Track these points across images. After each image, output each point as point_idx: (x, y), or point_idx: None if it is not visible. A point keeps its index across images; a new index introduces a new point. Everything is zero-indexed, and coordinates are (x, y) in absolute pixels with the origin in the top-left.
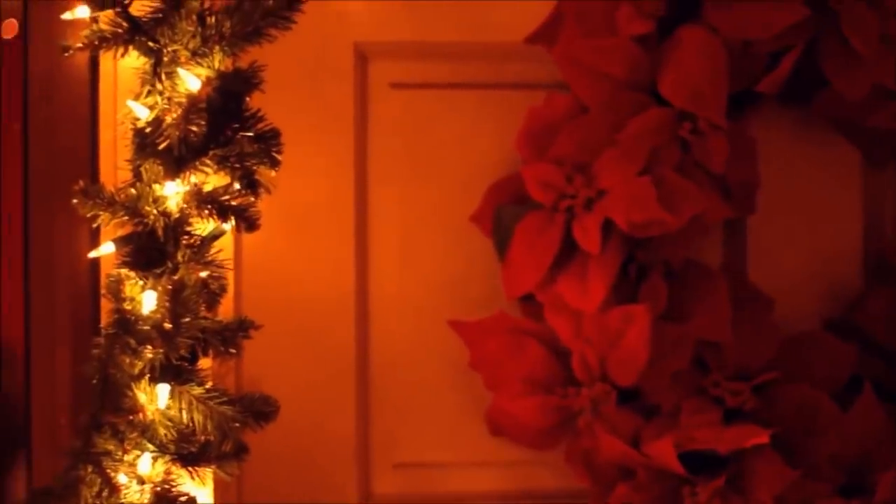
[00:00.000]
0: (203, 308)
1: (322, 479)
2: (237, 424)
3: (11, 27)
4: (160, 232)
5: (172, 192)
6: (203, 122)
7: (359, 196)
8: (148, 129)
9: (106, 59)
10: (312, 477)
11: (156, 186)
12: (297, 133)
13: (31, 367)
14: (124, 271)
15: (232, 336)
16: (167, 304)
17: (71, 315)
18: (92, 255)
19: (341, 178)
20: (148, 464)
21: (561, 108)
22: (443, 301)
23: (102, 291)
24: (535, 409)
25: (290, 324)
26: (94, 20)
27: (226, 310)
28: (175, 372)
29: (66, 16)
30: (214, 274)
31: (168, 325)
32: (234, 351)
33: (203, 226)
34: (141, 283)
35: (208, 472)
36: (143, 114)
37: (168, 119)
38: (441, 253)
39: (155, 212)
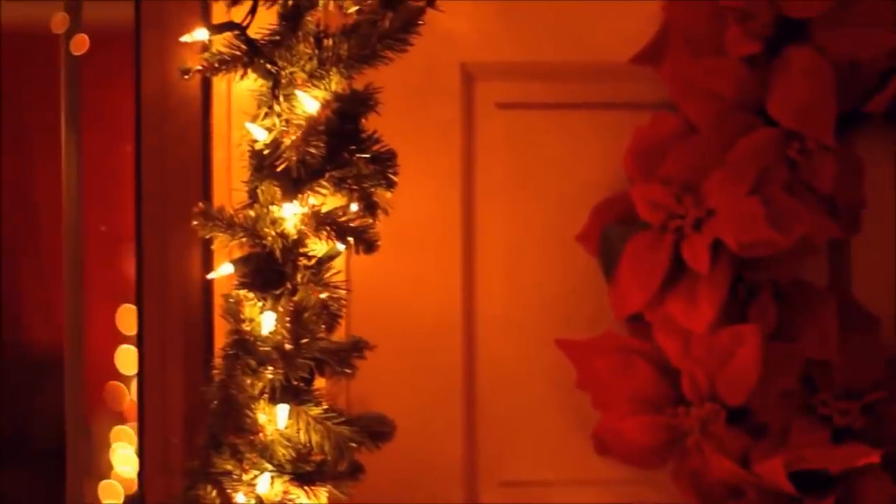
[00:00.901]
0: (323, 329)
1: (429, 496)
2: (354, 444)
3: (83, 42)
4: (278, 253)
5: (290, 214)
6: (322, 144)
7: (465, 215)
8: (266, 151)
9: (219, 80)
10: (419, 495)
11: (273, 208)
12: (404, 153)
13: (145, 387)
14: (243, 292)
15: (346, 356)
16: (288, 325)
17: (183, 335)
18: (211, 276)
19: (448, 198)
20: (267, 483)
21: (668, 128)
22: (548, 320)
23: (220, 312)
24: (643, 428)
25: (397, 342)
26: (208, 44)
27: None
28: (293, 392)
29: (186, 38)
30: (334, 295)
31: (289, 346)
32: (348, 371)
33: (316, 247)
34: (259, 304)
35: (324, 492)
36: (261, 135)
37: (286, 141)
38: (546, 272)
39: (273, 233)
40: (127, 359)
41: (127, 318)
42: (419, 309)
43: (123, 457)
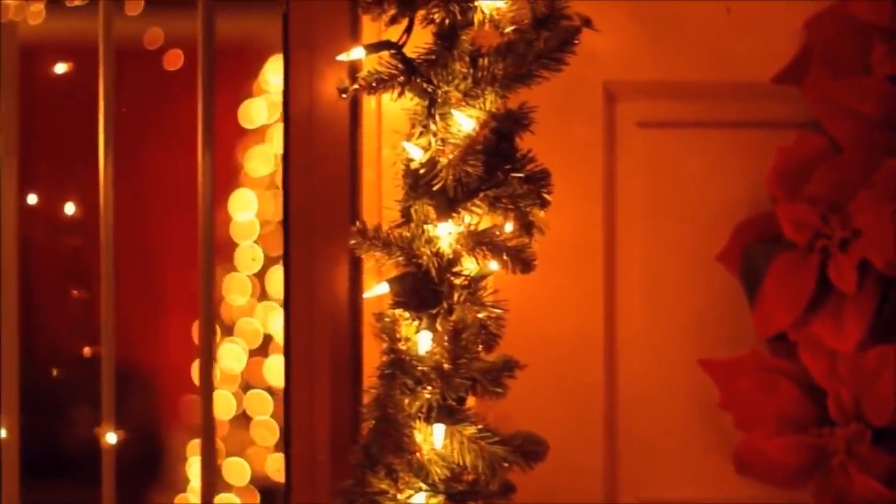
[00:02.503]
0: (481, 349)
1: None
2: (508, 464)
3: (177, 57)
4: (433, 272)
5: (445, 233)
6: (479, 163)
7: (607, 234)
8: (422, 170)
9: (368, 98)
10: None
11: (427, 227)
12: None
13: (291, 405)
14: (398, 311)
15: (498, 375)
16: (446, 344)
17: (330, 353)
18: (366, 295)
19: (589, 217)
20: (422, 503)
21: (812, 147)
22: (688, 339)
23: (374, 331)
24: (788, 448)
25: (538, 361)
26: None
27: None
28: (449, 412)
29: (342, 57)
30: (491, 315)
31: (447, 366)
32: (500, 390)
33: (467, 266)
34: (415, 323)
35: None
36: (416, 154)
37: (442, 160)
38: (687, 291)
39: (428, 252)
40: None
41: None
42: (561, 328)
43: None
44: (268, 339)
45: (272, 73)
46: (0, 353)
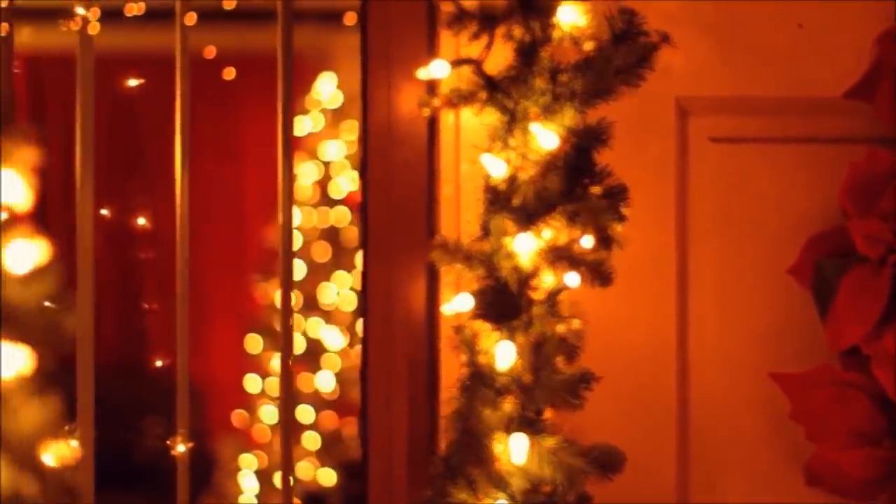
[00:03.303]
0: (562, 361)
1: None
2: (586, 476)
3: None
4: (513, 286)
5: (525, 247)
6: (559, 178)
7: (679, 247)
8: (502, 186)
9: (445, 114)
10: None
11: (506, 241)
12: None
13: (369, 417)
14: (478, 324)
15: (576, 387)
16: (526, 356)
17: (407, 366)
18: (446, 308)
19: (662, 231)
20: None
21: (884, 163)
22: (759, 352)
23: (453, 344)
24: (861, 461)
25: (611, 373)
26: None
27: None
28: (528, 423)
29: (423, 73)
30: (571, 328)
31: (528, 378)
32: (577, 402)
33: (546, 279)
34: (495, 335)
35: None
36: (496, 169)
37: (521, 175)
38: (758, 305)
39: (508, 266)
40: (252, 385)
41: (253, 345)
42: (633, 341)
43: (247, 483)
44: (315, 347)
45: (324, 86)
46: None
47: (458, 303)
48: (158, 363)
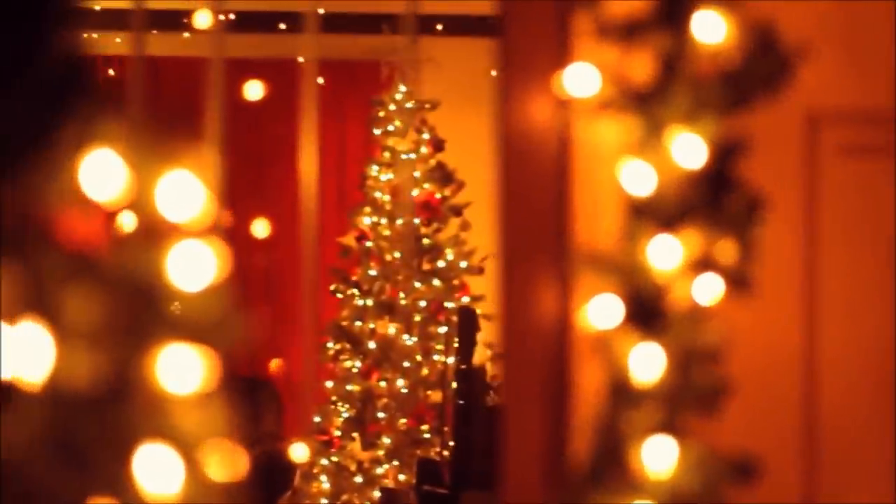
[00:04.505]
0: (702, 370)
1: None
2: (726, 482)
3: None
4: (655, 294)
5: (667, 254)
6: (700, 188)
7: (808, 258)
8: (642, 194)
9: (582, 121)
10: None
11: (648, 248)
12: None
13: (506, 424)
14: (618, 332)
15: (717, 396)
16: (670, 365)
17: (541, 371)
18: (586, 315)
19: (791, 242)
20: None
21: None
22: (890, 364)
23: (593, 352)
24: None
25: (739, 383)
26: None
27: None
28: (670, 431)
29: (558, 82)
30: (714, 336)
31: (670, 386)
32: (716, 410)
33: (688, 287)
34: (638, 342)
35: None
36: (638, 178)
37: (662, 183)
38: (889, 317)
39: (650, 274)
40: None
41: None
42: (760, 350)
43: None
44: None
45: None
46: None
47: (598, 310)
48: (276, 363)
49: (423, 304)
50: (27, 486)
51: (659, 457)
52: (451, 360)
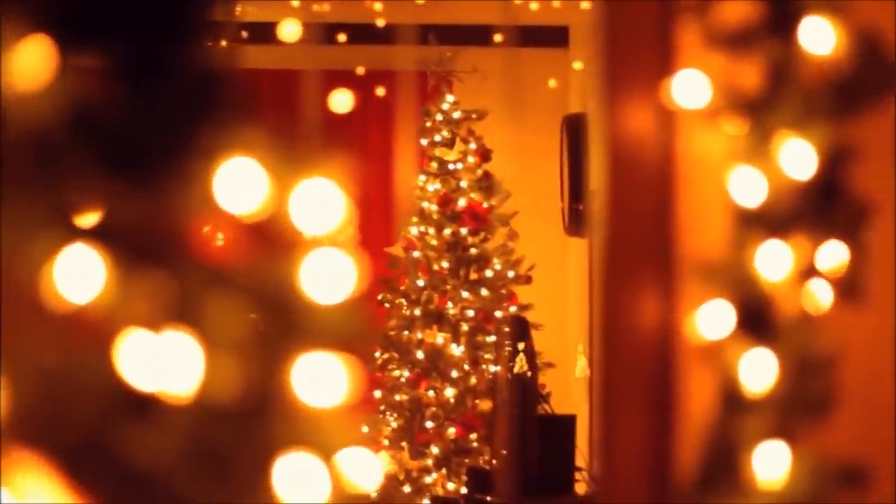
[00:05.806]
0: (813, 378)
1: None
2: (836, 491)
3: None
4: (765, 302)
5: (779, 262)
6: (812, 195)
7: None
8: (751, 202)
9: (687, 127)
10: None
11: (757, 257)
12: None
13: (609, 433)
14: (729, 341)
15: (825, 404)
16: (782, 373)
17: (645, 380)
18: (695, 325)
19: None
20: None
21: None
22: None
23: (702, 361)
24: None
25: (849, 391)
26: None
27: None
28: (782, 439)
29: (665, 90)
30: (825, 344)
31: (782, 394)
32: (822, 417)
33: (799, 295)
34: (749, 351)
35: None
36: (747, 186)
37: (771, 191)
38: None
39: (759, 282)
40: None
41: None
42: (870, 358)
43: None
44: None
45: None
46: None
47: (708, 318)
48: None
49: (470, 313)
50: (172, 498)
51: (770, 464)
52: (499, 368)
